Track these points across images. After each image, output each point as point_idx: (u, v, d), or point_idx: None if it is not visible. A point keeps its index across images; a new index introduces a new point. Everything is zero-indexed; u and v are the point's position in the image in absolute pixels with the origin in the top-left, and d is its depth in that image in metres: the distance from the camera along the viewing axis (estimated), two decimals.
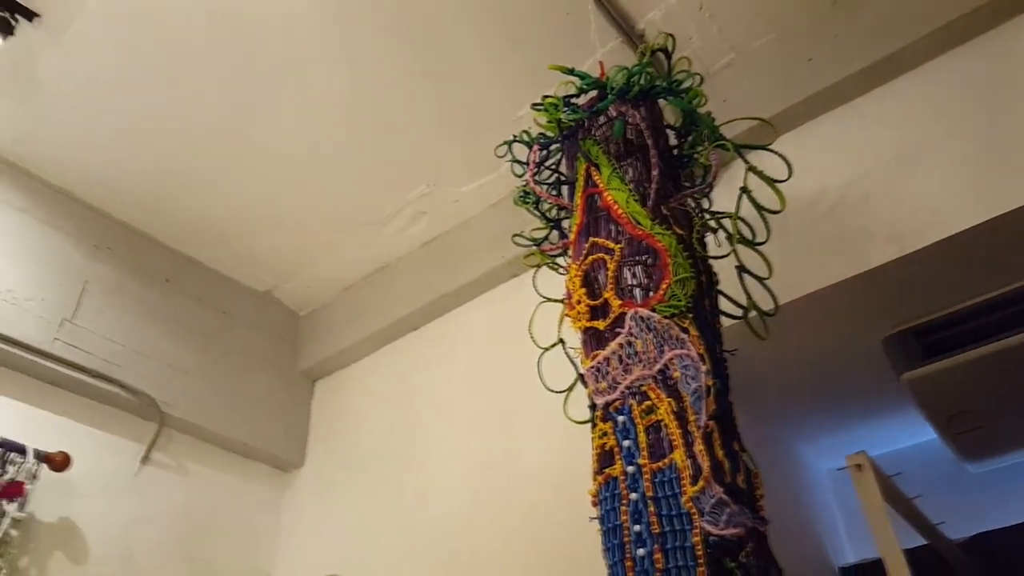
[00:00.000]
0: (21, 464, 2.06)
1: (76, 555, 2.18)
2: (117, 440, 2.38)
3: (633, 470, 1.33)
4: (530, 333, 1.70)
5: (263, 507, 2.71)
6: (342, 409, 2.83)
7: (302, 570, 2.53)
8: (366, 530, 2.44)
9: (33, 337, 2.22)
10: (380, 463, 2.55)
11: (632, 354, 1.41)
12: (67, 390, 2.32)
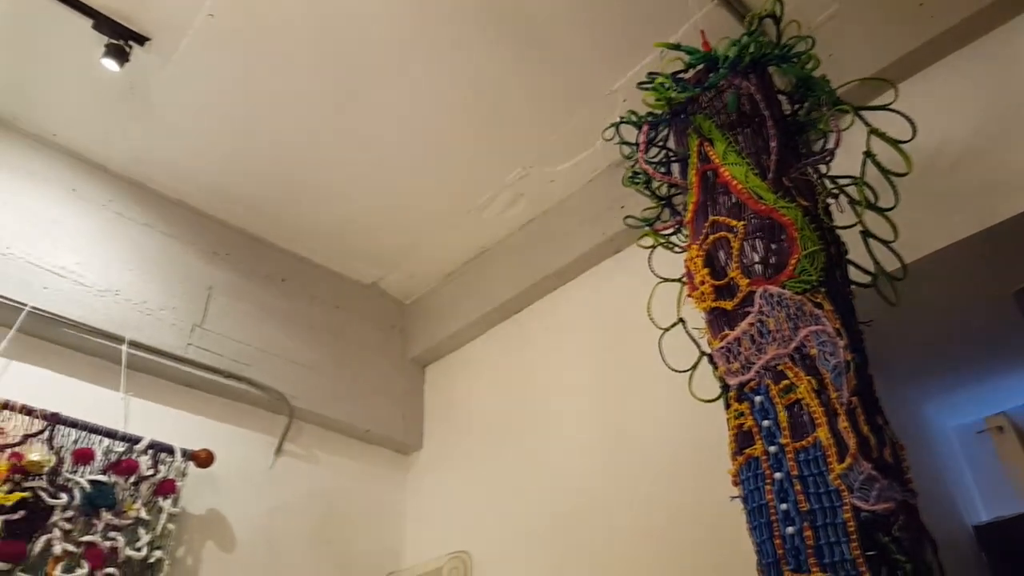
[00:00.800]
0: (171, 463, 2.22)
1: (224, 543, 2.34)
2: (252, 435, 2.53)
3: (775, 450, 1.32)
4: (649, 315, 1.70)
5: (388, 489, 2.83)
6: (453, 392, 2.91)
7: (430, 547, 2.64)
8: (488, 507, 2.51)
9: (170, 344, 2.37)
10: (495, 442, 2.61)
11: (765, 333, 1.39)
12: (203, 391, 2.47)
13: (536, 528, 2.31)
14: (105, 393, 2.23)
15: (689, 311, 1.66)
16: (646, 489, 2.06)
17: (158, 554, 2.09)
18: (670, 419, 2.05)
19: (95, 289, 2.30)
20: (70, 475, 2.02)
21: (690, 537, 1.90)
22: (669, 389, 2.04)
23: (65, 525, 1.96)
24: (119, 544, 2.02)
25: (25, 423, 2.01)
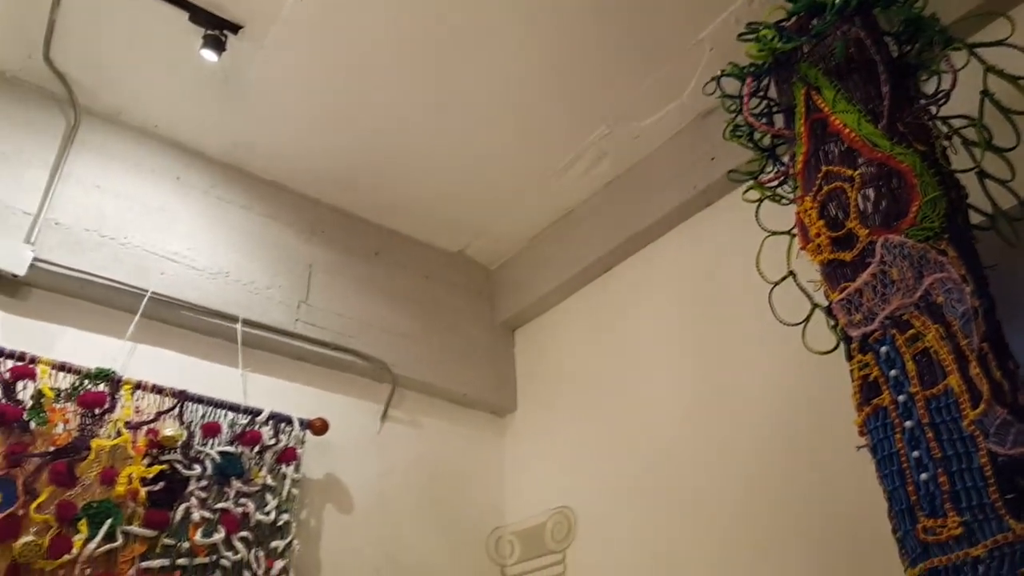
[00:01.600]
0: (290, 432, 2.34)
1: (342, 505, 2.46)
2: (359, 403, 2.64)
3: (904, 399, 1.33)
4: (758, 270, 1.70)
5: (488, 450, 2.92)
6: (543, 354, 2.96)
7: (532, 504, 2.72)
8: (587, 463, 2.57)
9: (279, 321, 2.49)
10: (589, 400, 2.66)
11: (888, 283, 1.39)
12: (313, 364, 2.58)
13: (637, 483, 2.36)
14: (224, 370, 2.36)
15: (797, 263, 1.67)
16: (746, 442, 2.07)
17: (285, 517, 2.22)
18: (771, 373, 2.05)
19: (207, 272, 2.41)
20: (201, 448, 2.16)
21: (796, 489, 1.91)
22: (768, 343, 2.05)
23: (201, 494, 2.10)
24: (250, 509, 2.15)
25: (157, 401, 2.15)
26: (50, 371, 2.00)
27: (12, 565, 1.76)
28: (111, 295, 2.23)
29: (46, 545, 1.81)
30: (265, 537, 2.16)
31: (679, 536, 2.18)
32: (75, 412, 2.01)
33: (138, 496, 1.99)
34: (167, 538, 2.00)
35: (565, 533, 2.55)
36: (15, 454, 1.87)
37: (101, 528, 1.89)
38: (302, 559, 2.25)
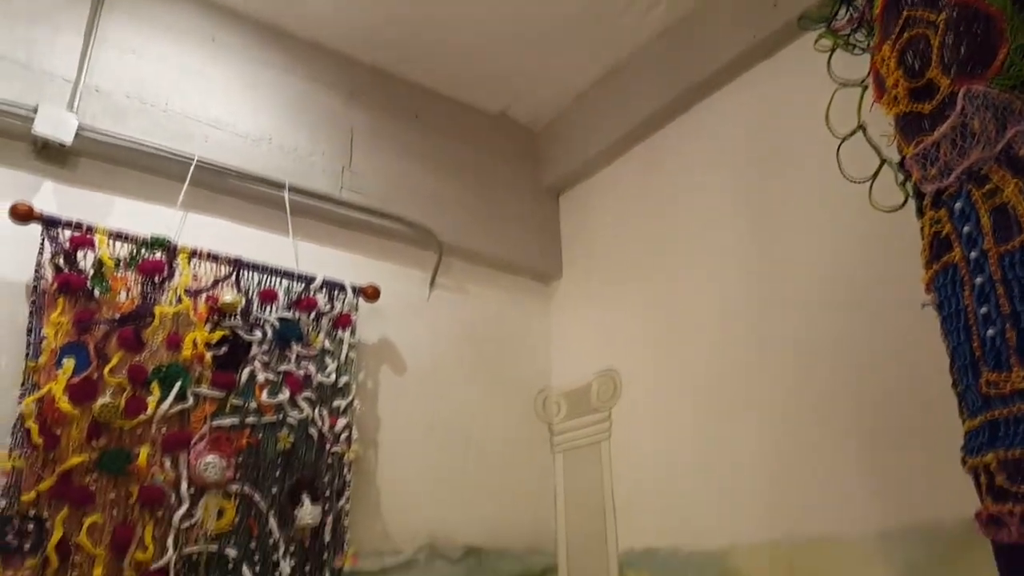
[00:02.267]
0: (344, 299, 2.39)
1: (396, 368, 2.55)
2: (408, 270, 2.67)
3: (976, 255, 1.29)
4: (827, 123, 1.63)
5: (533, 316, 2.97)
6: (590, 218, 2.93)
7: (578, 368, 2.79)
8: (634, 327, 2.60)
9: (324, 187, 2.48)
10: (637, 264, 2.65)
11: (967, 136, 1.32)
12: (360, 231, 2.60)
13: (684, 345, 2.39)
14: (275, 238, 2.38)
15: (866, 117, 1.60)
16: (802, 302, 2.06)
17: (345, 379, 2.31)
18: (831, 232, 2.00)
19: (250, 138, 2.39)
20: (259, 314, 2.22)
21: (853, 350, 1.91)
22: (829, 201, 2.00)
23: (263, 358, 2.18)
24: (311, 372, 2.24)
25: (213, 269, 2.19)
26: (107, 240, 2.03)
27: (93, 424, 1.87)
28: (158, 163, 2.22)
29: (122, 406, 1.91)
30: (327, 397, 2.26)
31: (726, 397, 2.23)
32: (136, 280, 2.06)
33: (204, 360, 2.07)
34: (235, 398, 2.09)
35: (611, 394, 2.63)
36: (83, 321, 1.94)
37: (172, 389, 1.99)
38: (362, 417, 2.36)
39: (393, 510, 2.36)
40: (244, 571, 1.96)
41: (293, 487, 2.10)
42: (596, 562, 2.51)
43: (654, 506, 2.37)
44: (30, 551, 1.71)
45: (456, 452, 2.58)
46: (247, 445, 2.07)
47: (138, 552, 1.83)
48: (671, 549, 2.27)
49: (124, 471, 1.88)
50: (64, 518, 1.77)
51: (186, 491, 1.94)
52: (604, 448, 2.60)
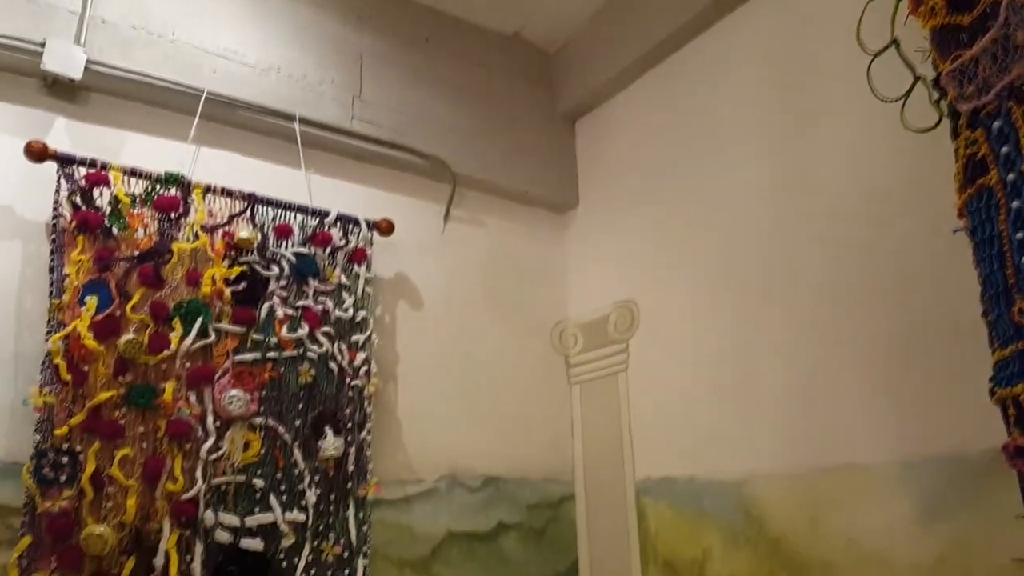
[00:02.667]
0: (358, 233, 2.37)
1: (412, 302, 2.56)
2: (421, 203, 2.65)
3: (1014, 178, 1.25)
4: (858, 39, 1.55)
5: (549, 247, 2.94)
6: (607, 145, 2.87)
7: (595, 299, 2.78)
8: (653, 256, 2.58)
9: (335, 118, 2.43)
10: (655, 191, 2.60)
11: (1009, 49, 1.25)
12: (372, 164, 2.56)
13: (706, 276, 2.37)
14: (288, 172, 2.35)
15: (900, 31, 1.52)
16: (828, 227, 2.01)
17: (362, 314, 2.31)
18: (860, 153, 1.94)
19: (258, 68, 2.33)
20: (276, 249, 2.21)
21: (879, 277, 1.87)
22: (859, 121, 1.93)
23: (281, 293, 2.18)
24: (328, 306, 2.24)
25: (228, 204, 2.17)
26: (122, 177, 2.01)
27: (119, 360, 1.90)
28: (168, 96, 2.18)
29: (146, 342, 1.93)
30: (345, 332, 2.27)
31: (746, 326, 2.21)
32: (152, 217, 2.05)
33: (223, 295, 2.08)
34: (255, 334, 2.11)
35: (628, 325, 2.62)
36: (104, 258, 1.94)
37: (194, 325, 2.00)
38: (380, 351, 2.38)
39: (414, 441, 2.41)
40: (272, 500, 2.01)
41: (316, 419, 2.13)
42: (613, 491, 2.55)
43: (672, 436, 2.39)
44: (66, 483, 1.76)
45: (474, 384, 2.60)
46: (269, 379, 2.10)
47: (169, 483, 1.88)
48: (688, 478, 2.30)
49: (151, 405, 1.91)
50: (96, 451, 1.81)
51: (212, 424, 1.98)
52: (621, 379, 2.61)
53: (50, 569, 1.70)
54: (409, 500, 2.34)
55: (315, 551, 2.04)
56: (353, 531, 2.11)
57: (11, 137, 1.96)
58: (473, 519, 2.45)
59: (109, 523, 1.78)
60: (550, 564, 2.57)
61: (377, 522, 2.23)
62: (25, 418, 1.79)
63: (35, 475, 1.73)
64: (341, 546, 2.08)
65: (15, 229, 1.95)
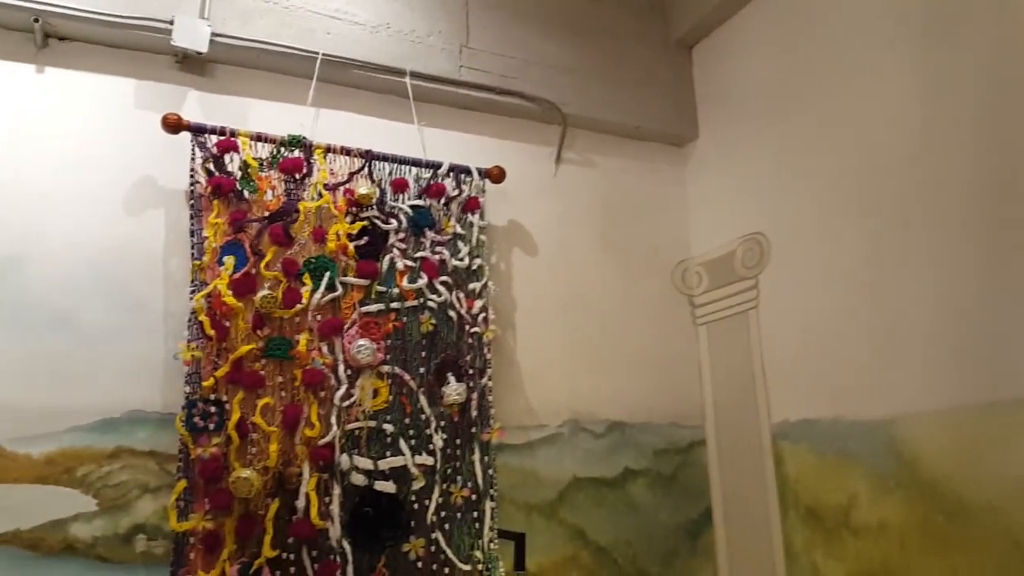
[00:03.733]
0: (471, 182, 2.38)
1: (526, 248, 2.55)
2: (532, 148, 2.62)
3: None
4: None
5: (668, 183, 2.84)
6: (726, 70, 2.71)
7: (719, 234, 2.66)
8: (781, 185, 2.42)
9: (445, 69, 2.44)
10: (782, 116, 2.44)
11: None
12: (481, 112, 2.56)
13: (840, 202, 2.20)
14: (401, 127, 2.39)
15: None
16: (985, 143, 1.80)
17: (478, 262, 2.34)
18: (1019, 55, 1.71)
19: (368, 27, 2.37)
20: (393, 203, 2.27)
21: None
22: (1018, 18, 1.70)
23: (400, 245, 2.24)
24: (445, 256, 2.28)
25: (347, 162, 2.24)
26: (249, 142, 2.12)
27: (256, 315, 2.02)
28: (286, 62, 2.27)
29: (280, 297, 2.05)
30: (462, 281, 2.30)
31: (888, 253, 2.05)
32: (279, 179, 2.16)
33: (347, 250, 2.16)
34: (379, 286, 2.18)
35: (757, 259, 2.49)
36: (237, 220, 2.06)
37: (322, 280, 2.10)
38: (498, 299, 2.40)
39: (535, 387, 2.42)
40: (401, 445, 2.10)
41: (438, 367, 2.19)
42: (747, 435, 2.46)
43: (810, 375, 2.27)
44: (214, 430, 1.91)
45: (594, 329, 2.57)
46: (393, 329, 2.17)
47: (306, 429, 2.00)
48: (831, 420, 2.18)
49: (287, 356, 2.03)
50: (240, 401, 1.96)
51: (343, 373, 2.08)
52: (752, 317, 2.49)
53: (204, 510, 1.87)
54: (533, 445, 2.38)
55: (444, 493, 2.12)
56: (479, 474, 2.17)
57: (150, 112, 2.10)
58: (598, 465, 2.45)
59: (254, 467, 1.93)
60: (682, 511, 2.54)
61: (502, 467, 2.28)
62: (176, 372, 1.96)
63: (187, 424, 1.90)
64: (469, 489, 2.15)
65: (158, 198, 2.11)
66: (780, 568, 2.29)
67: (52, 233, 1.98)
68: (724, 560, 2.51)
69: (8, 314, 1.90)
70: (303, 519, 1.93)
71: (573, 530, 2.36)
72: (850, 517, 2.08)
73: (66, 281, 1.97)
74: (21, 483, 1.82)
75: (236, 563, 1.86)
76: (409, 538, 2.04)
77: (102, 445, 1.91)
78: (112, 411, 1.94)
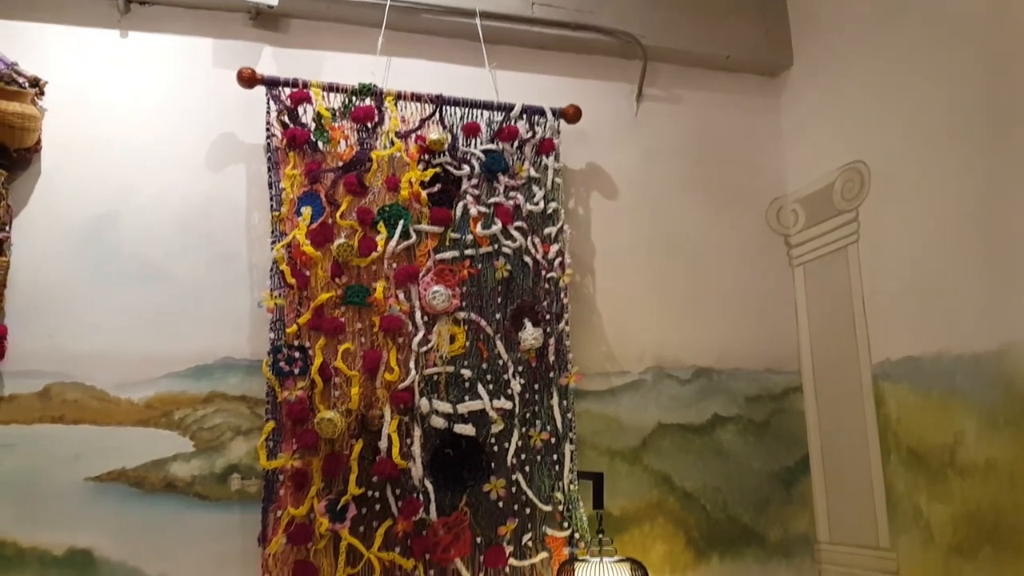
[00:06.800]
0: (544, 124, 2.32)
1: (605, 191, 2.47)
2: (611, 85, 2.52)
3: None
4: None
5: (760, 116, 2.66)
6: None
7: (815, 167, 2.48)
8: (883, 112, 2.22)
9: (515, 7, 2.37)
10: (883, 36, 2.23)
11: None
12: (556, 50, 2.47)
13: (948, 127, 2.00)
14: (471, 71, 2.34)
15: None
16: None
17: (553, 205, 2.28)
18: None
19: None
20: (465, 148, 2.24)
21: None
22: None
23: (474, 191, 2.21)
24: (520, 201, 2.24)
25: (418, 109, 2.22)
26: (322, 93, 2.14)
27: (334, 264, 2.06)
28: (355, 12, 2.27)
29: (356, 246, 2.07)
30: (537, 225, 2.25)
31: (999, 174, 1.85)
32: (351, 128, 2.17)
33: (420, 198, 2.15)
34: (452, 233, 2.17)
35: (857, 190, 2.31)
36: (313, 171, 2.10)
37: (396, 228, 2.11)
38: (575, 243, 2.33)
39: (615, 332, 2.36)
40: (479, 389, 2.10)
41: (514, 312, 2.16)
42: (846, 378, 2.31)
43: (913, 310, 2.09)
44: (299, 375, 1.98)
45: (680, 274, 2.47)
46: (468, 275, 2.16)
47: (386, 374, 2.03)
48: (935, 355, 2.01)
49: (365, 304, 2.06)
50: (322, 346, 2.01)
51: (420, 319, 2.09)
52: (851, 253, 2.32)
53: (291, 450, 1.94)
54: (615, 391, 2.32)
55: (524, 437, 2.11)
56: (558, 419, 2.15)
57: (227, 70, 2.15)
58: (685, 411, 2.37)
59: (338, 410, 1.98)
60: (776, 458, 2.43)
61: (583, 413, 2.25)
62: (262, 321, 2.03)
63: (273, 368, 1.97)
64: (548, 432, 2.13)
65: (239, 153, 2.17)
66: (881, 513, 2.16)
67: (142, 190, 2.08)
68: (821, 507, 2.39)
69: (106, 268, 2.02)
70: (386, 459, 1.97)
71: (658, 476, 2.30)
72: (955, 457, 1.93)
73: (156, 236, 2.07)
74: (124, 425, 1.95)
75: (324, 500, 1.93)
76: (490, 479, 2.05)
77: (196, 390, 2.01)
78: (205, 358, 2.03)
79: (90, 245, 2.02)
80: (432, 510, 1.98)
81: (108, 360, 1.96)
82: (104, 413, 1.95)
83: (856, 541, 2.25)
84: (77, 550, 1.85)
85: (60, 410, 1.92)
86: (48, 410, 1.92)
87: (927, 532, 2.00)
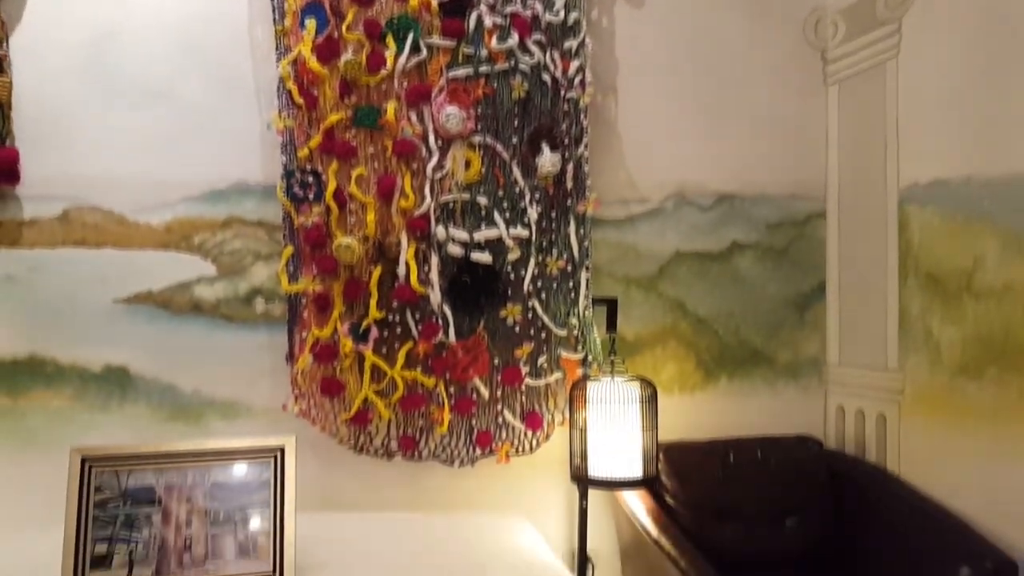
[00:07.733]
0: None
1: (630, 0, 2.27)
2: None
3: None
4: None
5: None
6: None
7: None
8: None
9: None
10: None
11: None
12: None
13: None
14: None
15: None
16: None
17: (574, 15, 2.12)
18: None
19: None
20: None
21: None
22: None
23: (489, 0, 2.05)
24: (538, 11, 2.08)
25: None
26: None
27: (342, 82, 1.97)
28: None
29: (364, 61, 1.97)
30: (557, 39, 2.11)
31: None
32: None
33: (431, 7, 2.01)
34: (466, 47, 2.04)
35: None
36: None
37: (406, 41, 1.99)
38: (597, 59, 2.20)
39: (637, 158, 2.29)
40: (496, 217, 2.07)
41: (532, 135, 2.08)
42: (871, 203, 2.25)
43: (948, 130, 2.00)
44: (314, 200, 1.96)
45: (708, 93, 2.35)
46: (483, 95, 2.05)
47: (401, 200, 2.00)
48: (964, 178, 1.94)
49: (376, 125, 1.99)
50: (335, 171, 1.97)
51: (434, 143, 2.02)
52: (890, 68, 2.18)
53: (312, 274, 1.97)
54: (633, 220, 2.29)
55: (540, 264, 2.11)
56: (575, 246, 2.14)
57: None
58: (704, 239, 2.35)
59: (355, 236, 1.98)
60: (792, 283, 2.43)
61: (600, 241, 2.23)
62: (273, 145, 1.98)
63: (287, 193, 1.95)
64: (565, 260, 2.13)
65: None
66: (892, 336, 2.19)
67: (140, 6, 1.96)
68: (833, 330, 2.43)
69: (112, 88, 1.96)
70: (404, 285, 2.00)
71: (672, 302, 2.33)
72: (973, 281, 1.92)
73: (157, 54, 1.98)
74: (146, 249, 1.97)
75: (347, 322, 1.98)
76: (506, 305, 2.08)
77: (214, 215, 2.01)
78: (218, 183, 2.02)
79: (91, 66, 1.94)
80: (451, 333, 2.03)
81: (123, 184, 1.96)
82: (125, 237, 1.96)
83: (865, 363, 2.31)
84: (114, 367, 1.94)
85: (81, 233, 1.94)
86: (70, 234, 1.94)
87: (936, 353, 2.04)
